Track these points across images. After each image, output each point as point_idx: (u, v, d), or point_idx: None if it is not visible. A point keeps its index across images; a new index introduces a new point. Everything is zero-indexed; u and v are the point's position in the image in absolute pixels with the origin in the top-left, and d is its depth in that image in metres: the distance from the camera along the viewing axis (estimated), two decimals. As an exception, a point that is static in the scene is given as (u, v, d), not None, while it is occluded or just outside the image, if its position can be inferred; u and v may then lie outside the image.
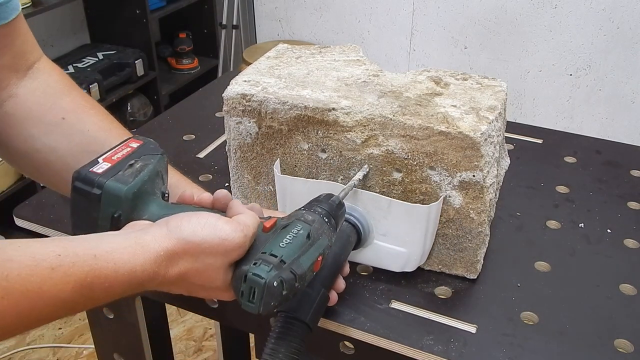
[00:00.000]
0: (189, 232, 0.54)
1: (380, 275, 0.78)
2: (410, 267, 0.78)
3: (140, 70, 2.55)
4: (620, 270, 0.80)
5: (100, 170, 0.59)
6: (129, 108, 2.57)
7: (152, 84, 2.65)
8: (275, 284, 0.55)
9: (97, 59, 2.47)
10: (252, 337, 1.65)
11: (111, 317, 0.93)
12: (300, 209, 0.64)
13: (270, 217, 0.62)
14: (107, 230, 0.57)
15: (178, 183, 0.72)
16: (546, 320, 0.72)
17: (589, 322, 0.72)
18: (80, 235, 0.53)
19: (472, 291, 0.77)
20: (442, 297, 0.76)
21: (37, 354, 1.89)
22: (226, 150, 0.84)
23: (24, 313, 0.46)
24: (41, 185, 2.17)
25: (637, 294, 0.77)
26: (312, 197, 0.67)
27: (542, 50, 2.56)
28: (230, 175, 0.86)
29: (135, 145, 0.63)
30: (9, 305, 0.44)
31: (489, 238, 0.78)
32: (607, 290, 0.77)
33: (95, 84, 2.31)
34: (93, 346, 1.29)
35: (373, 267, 0.80)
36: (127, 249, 0.51)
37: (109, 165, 0.59)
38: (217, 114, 1.16)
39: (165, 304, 1.00)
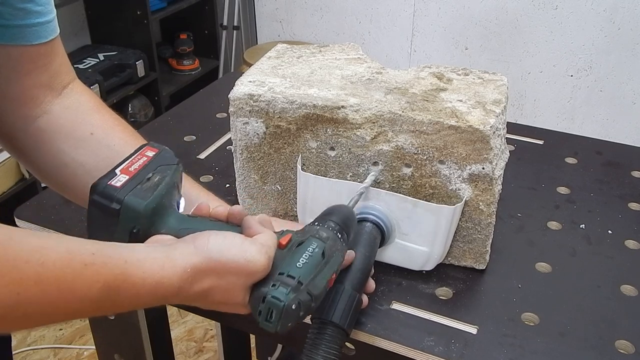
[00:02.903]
0: (216, 252, 0.56)
1: (381, 276, 0.78)
2: (429, 266, 0.78)
3: (141, 71, 2.55)
4: (621, 271, 0.80)
5: (118, 184, 0.58)
6: (129, 109, 2.58)
7: (153, 84, 2.65)
8: (293, 307, 0.56)
9: (97, 60, 2.48)
10: (252, 338, 1.65)
11: (112, 318, 0.93)
12: (314, 223, 0.64)
13: (284, 232, 0.62)
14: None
15: (197, 194, 0.74)
16: (547, 321, 0.72)
17: (589, 323, 0.72)
18: (113, 242, 0.54)
19: (473, 292, 0.77)
20: (443, 298, 0.76)
21: (38, 354, 1.89)
22: (232, 151, 0.85)
23: (53, 303, 0.46)
24: (42, 186, 2.17)
25: (638, 294, 0.77)
26: (334, 196, 0.68)
27: (542, 51, 2.56)
28: (236, 175, 0.86)
29: (151, 154, 0.62)
30: (40, 292, 0.45)
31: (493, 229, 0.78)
32: (607, 291, 0.77)
33: (96, 85, 2.31)
34: (94, 347, 1.30)
35: (386, 266, 0.80)
36: (157, 261, 0.53)
37: (127, 177, 0.59)
38: (218, 115, 1.17)
39: (166, 304, 1.00)
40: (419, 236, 0.76)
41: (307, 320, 0.67)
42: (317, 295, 0.58)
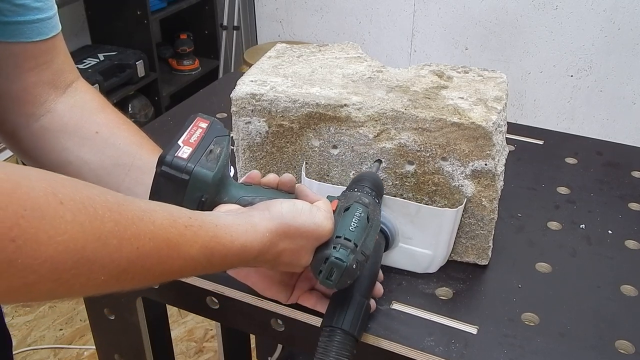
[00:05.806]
0: (290, 217, 0.60)
1: (381, 276, 0.78)
2: (433, 269, 0.79)
3: (141, 72, 2.55)
4: (621, 271, 0.80)
5: (185, 155, 0.62)
6: (130, 109, 2.58)
7: (153, 85, 2.65)
8: (354, 267, 0.61)
9: (98, 60, 2.48)
10: (253, 338, 1.65)
11: (112, 318, 0.93)
12: (353, 189, 0.69)
13: (330, 198, 0.68)
14: None
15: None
16: (547, 321, 0.72)
17: (589, 323, 0.72)
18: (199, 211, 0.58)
19: (473, 292, 0.77)
20: (443, 298, 0.76)
21: (38, 355, 1.89)
22: (234, 150, 0.85)
23: (162, 259, 0.49)
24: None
25: (638, 294, 0.77)
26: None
27: (543, 52, 2.56)
28: (238, 175, 0.86)
29: (204, 125, 0.66)
30: (153, 248, 0.48)
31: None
32: (608, 291, 0.77)
33: (96, 85, 2.31)
34: (94, 347, 1.30)
35: (387, 266, 0.80)
36: (241, 226, 0.57)
37: (191, 149, 0.63)
38: (219, 115, 1.16)
39: (166, 304, 1.00)
40: (423, 240, 0.76)
41: (317, 325, 0.68)
42: (368, 255, 0.64)
